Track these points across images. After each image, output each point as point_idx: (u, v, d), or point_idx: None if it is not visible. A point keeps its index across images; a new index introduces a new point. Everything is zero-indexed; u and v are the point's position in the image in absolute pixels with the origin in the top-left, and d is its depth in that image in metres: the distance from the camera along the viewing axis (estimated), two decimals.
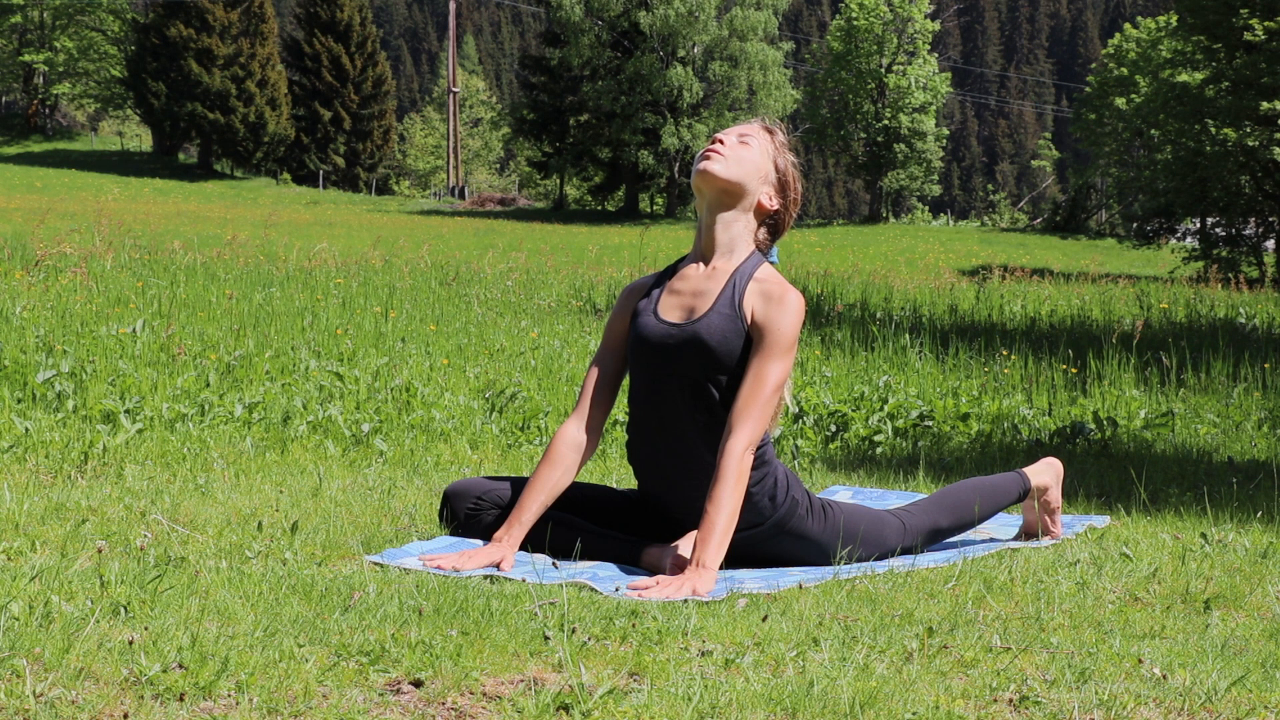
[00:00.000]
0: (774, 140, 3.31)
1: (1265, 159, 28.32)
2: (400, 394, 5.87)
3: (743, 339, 3.16)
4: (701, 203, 3.28)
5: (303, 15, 63.54)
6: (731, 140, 3.27)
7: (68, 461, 4.27)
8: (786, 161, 3.30)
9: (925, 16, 53.79)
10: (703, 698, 2.08)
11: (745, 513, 3.19)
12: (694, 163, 3.29)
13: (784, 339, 3.13)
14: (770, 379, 3.10)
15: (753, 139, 3.28)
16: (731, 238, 3.25)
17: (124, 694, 1.98)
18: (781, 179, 3.29)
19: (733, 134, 3.29)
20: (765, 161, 3.27)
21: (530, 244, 25.56)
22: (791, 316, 3.14)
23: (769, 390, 3.09)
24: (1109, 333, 9.63)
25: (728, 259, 3.25)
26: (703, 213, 3.29)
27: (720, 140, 3.26)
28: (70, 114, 70.41)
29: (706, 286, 3.24)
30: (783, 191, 3.29)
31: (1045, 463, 3.80)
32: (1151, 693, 2.21)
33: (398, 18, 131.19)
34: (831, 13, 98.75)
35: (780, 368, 3.11)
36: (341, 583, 2.74)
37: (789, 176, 3.30)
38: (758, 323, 3.15)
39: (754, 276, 3.21)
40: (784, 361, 3.12)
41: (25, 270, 9.51)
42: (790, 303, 3.15)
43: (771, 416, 3.13)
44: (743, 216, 3.26)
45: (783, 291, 3.16)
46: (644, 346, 3.26)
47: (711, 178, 3.22)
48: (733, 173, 3.22)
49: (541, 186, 63.63)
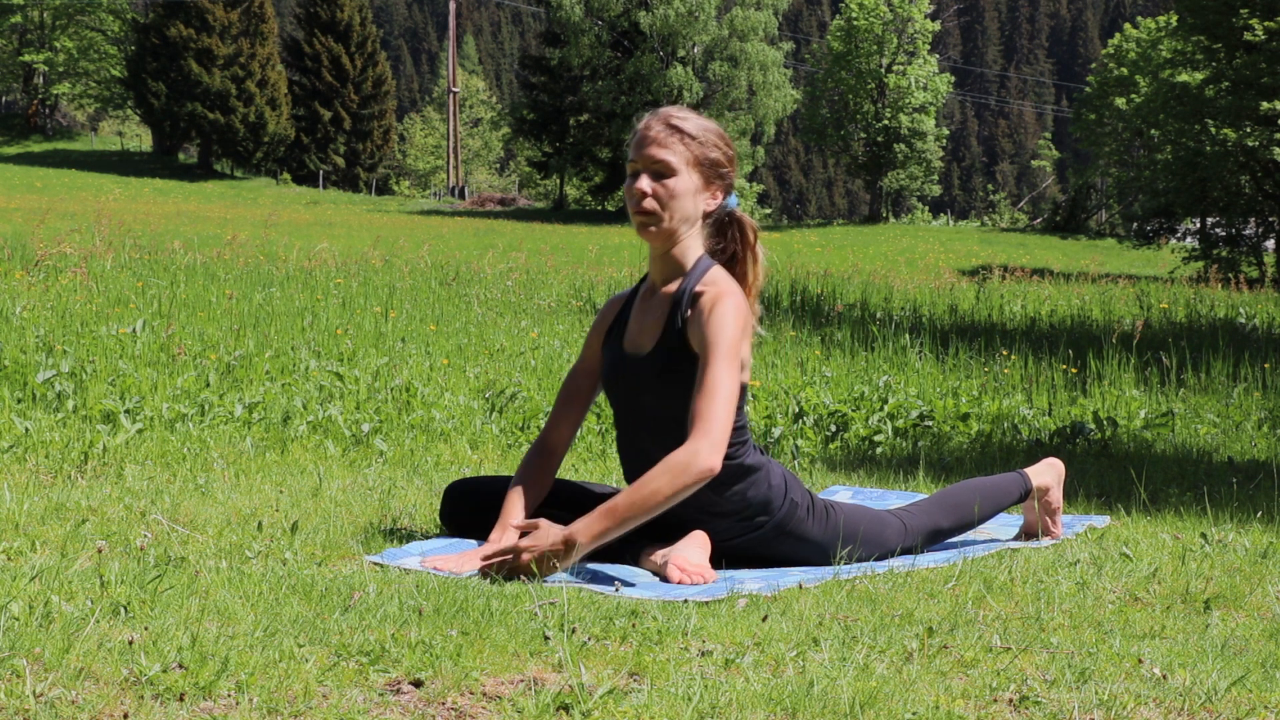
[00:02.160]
0: (686, 138, 3.16)
1: (1265, 159, 28.33)
2: (400, 394, 5.87)
3: (691, 361, 3.14)
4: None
5: (303, 15, 63.56)
6: (655, 190, 3.14)
7: (68, 461, 4.27)
8: (708, 144, 3.18)
9: (925, 16, 53.79)
10: (703, 698, 2.08)
11: (738, 515, 3.20)
12: (630, 212, 3.19)
13: (722, 344, 3.06)
14: (717, 387, 3.02)
15: (671, 162, 3.15)
16: (683, 258, 3.21)
17: (124, 694, 1.98)
18: (712, 167, 3.19)
19: (648, 183, 3.14)
20: (692, 177, 3.17)
21: (530, 244, 25.57)
22: (726, 321, 3.07)
23: (720, 399, 3.01)
24: (1109, 333, 9.63)
25: (678, 278, 3.22)
26: (651, 246, 3.24)
27: (643, 192, 3.14)
28: (70, 114, 70.41)
29: (657, 313, 3.22)
30: (718, 174, 3.20)
31: (1047, 463, 3.79)
32: (1151, 693, 2.21)
33: (398, 18, 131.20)
34: (831, 13, 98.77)
35: (726, 373, 3.04)
36: (341, 583, 2.74)
37: (715, 154, 3.19)
38: (697, 338, 3.12)
39: (693, 291, 3.16)
40: (728, 366, 3.05)
41: (25, 270, 9.52)
42: (724, 308, 3.09)
43: (729, 424, 3.03)
44: (689, 234, 3.22)
45: (715, 299, 3.11)
46: (609, 376, 3.31)
47: (653, 238, 3.18)
48: (671, 224, 3.16)
49: (541, 186, 63.62)
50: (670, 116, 3.19)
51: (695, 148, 3.16)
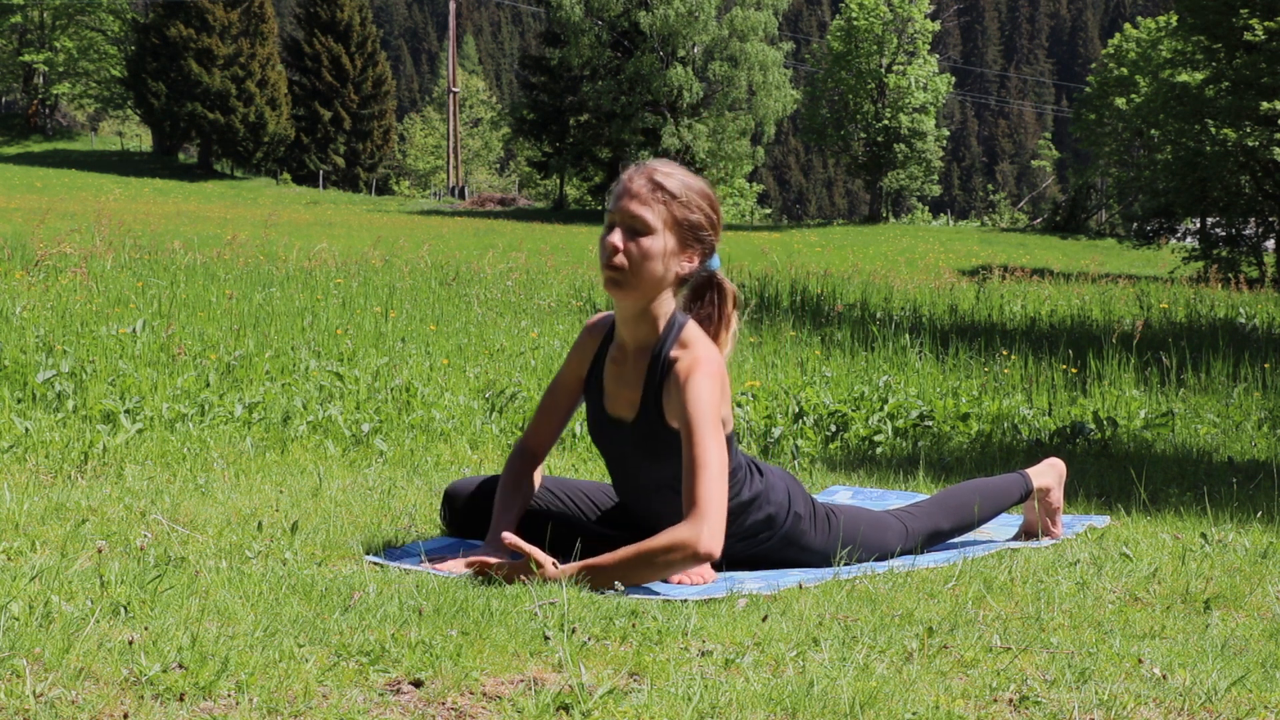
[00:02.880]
0: (668, 197, 3.00)
1: (1265, 159, 28.34)
2: (400, 394, 5.87)
3: (672, 431, 3.05)
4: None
5: (303, 15, 63.58)
6: (628, 247, 2.99)
7: (68, 461, 4.27)
8: (690, 205, 3.03)
9: (925, 16, 53.80)
10: (703, 698, 2.08)
11: (741, 536, 3.21)
12: (601, 264, 3.05)
13: (702, 418, 2.93)
14: (706, 463, 2.89)
15: (648, 220, 2.99)
16: (654, 319, 3.07)
17: (124, 694, 1.98)
18: (691, 230, 3.03)
19: (620, 238, 3.00)
20: (668, 238, 3.01)
21: (530, 244, 25.56)
22: (703, 392, 2.95)
23: (711, 475, 2.88)
24: (1109, 333, 9.63)
25: (649, 340, 3.09)
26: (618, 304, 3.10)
27: (615, 248, 2.99)
28: (70, 114, 70.43)
29: (631, 379, 3.11)
30: (697, 237, 3.04)
31: (1048, 463, 3.79)
32: (1151, 693, 2.21)
33: (398, 18, 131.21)
34: (831, 13, 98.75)
35: (712, 446, 2.91)
36: (341, 583, 2.74)
37: (697, 216, 3.03)
38: (675, 411, 3.00)
39: (669, 357, 3.04)
40: (713, 438, 2.92)
41: (25, 270, 9.52)
42: (698, 378, 2.96)
43: (725, 499, 2.91)
44: (662, 299, 3.06)
45: (690, 369, 2.98)
46: (594, 431, 3.23)
47: (619, 296, 3.04)
48: (639, 286, 3.01)
49: (541, 186, 63.62)
50: (654, 172, 3.03)
51: (676, 208, 3.01)
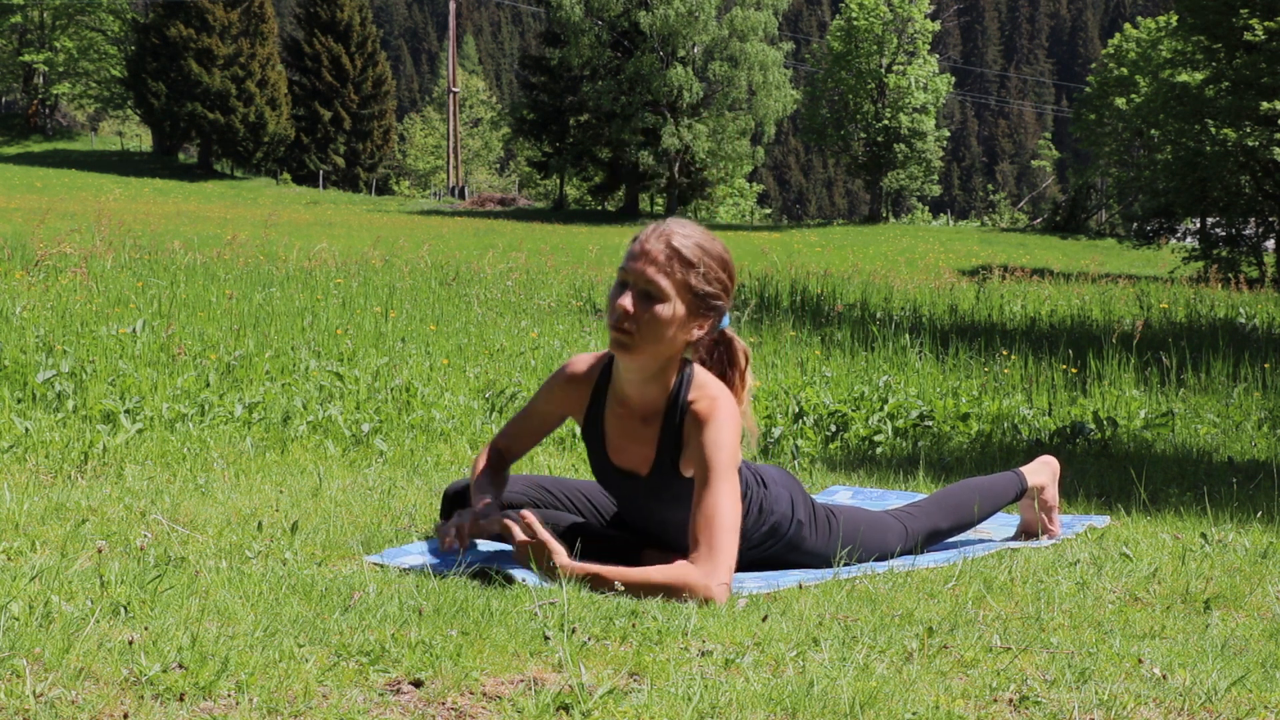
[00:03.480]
0: (685, 265, 2.94)
1: (1265, 159, 28.34)
2: (400, 394, 5.87)
3: (687, 481, 3.02)
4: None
5: (303, 15, 63.57)
6: (639, 312, 2.93)
7: (68, 461, 4.27)
8: (707, 274, 2.97)
9: (925, 16, 53.80)
10: (703, 698, 2.08)
11: (744, 545, 3.20)
12: (608, 324, 2.99)
13: (719, 464, 2.90)
14: (720, 511, 2.87)
15: (662, 287, 2.93)
16: (664, 380, 3.03)
17: (124, 694, 1.98)
18: (704, 299, 2.97)
19: (631, 301, 2.93)
20: (680, 307, 2.94)
21: (530, 244, 25.56)
22: (722, 437, 2.92)
23: (724, 524, 2.86)
24: (1109, 333, 9.63)
25: (659, 396, 3.04)
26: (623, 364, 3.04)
27: (626, 311, 2.93)
28: (70, 114, 70.43)
29: (644, 434, 3.06)
30: (710, 305, 2.98)
31: (1041, 461, 3.80)
32: (1151, 693, 2.21)
33: (398, 18, 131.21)
34: (831, 13, 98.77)
35: (727, 494, 2.89)
36: (341, 583, 2.74)
37: (712, 287, 2.97)
38: (694, 455, 2.95)
39: (686, 410, 2.99)
40: (729, 485, 2.89)
41: (25, 270, 9.52)
42: (717, 424, 2.93)
43: (735, 547, 2.87)
44: (669, 363, 3.01)
45: (708, 414, 2.94)
46: (603, 480, 3.19)
47: (626, 359, 2.99)
48: (648, 351, 2.96)
49: (541, 186, 63.64)
50: (672, 235, 2.95)
51: (693, 276, 2.94)
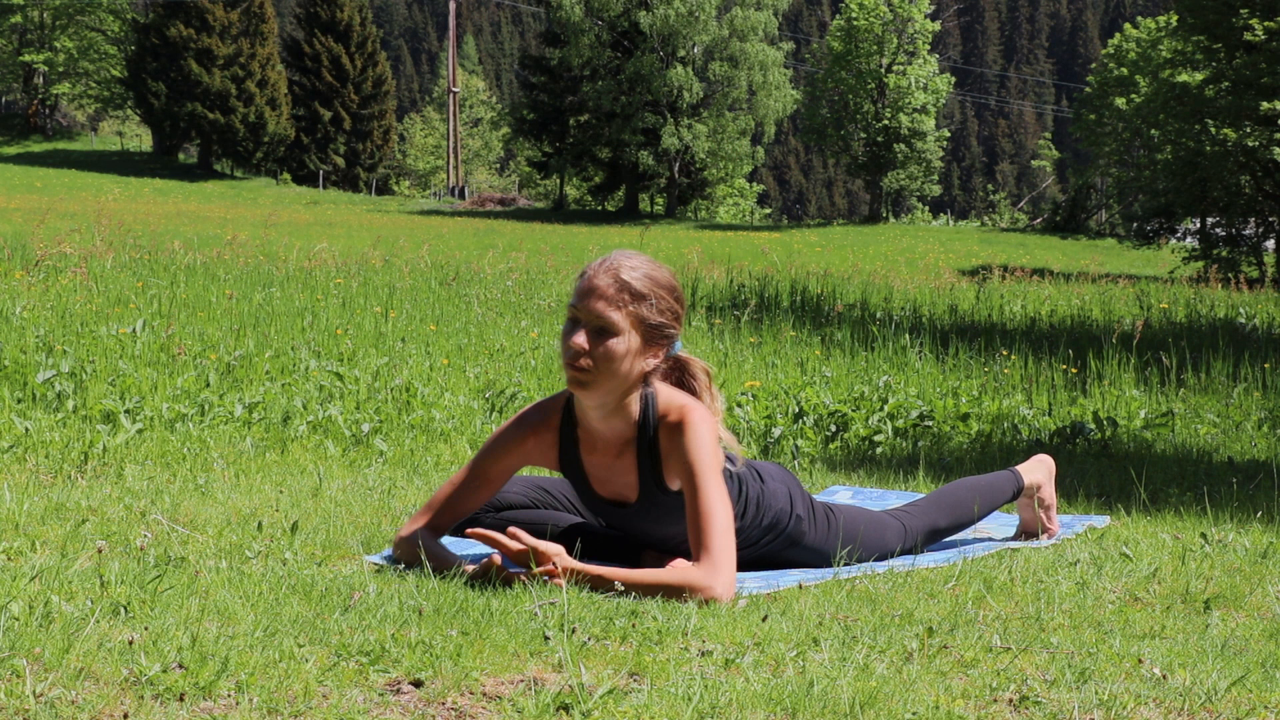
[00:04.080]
0: (635, 298, 2.93)
1: (1265, 159, 28.34)
2: (400, 394, 5.87)
3: (677, 495, 3.02)
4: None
5: (303, 15, 63.57)
6: (593, 348, 2.92)
7: (68, 461, 4.27)
8: (658, 304, 2.96)
9: (925, 16, 53.78)
10: (703, 698, 2.08)
11: (742, 541, 3.20)
12: (564, 363, 2.98)
13: (703, 467, 2.91)
14: (713, 513, 2.88)
15: (615, 321, 2.92)
16: (626, 410, 3.01)
17: (124, 694, 1.98)
18: (656, 329, 2.96)
19: (585, 339, 2.92)
20: (633, 338, 2.93)
21: (530, 244, 25.56)
22: (700, 440, 2.92)
23: (719, 525, 2.87)
24: (1109, 333, 9.63)
25: (628, 430, 3.03)
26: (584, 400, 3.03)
27: (581, 349, 2.92)
28: (70, 114, 70.41)
29: (622, 466, 3.06)
30: (663, 334, 2.98)
31: (1036, 459, 3.80)
32: (1151, 693, 2.21)
33: (398, 18, 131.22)
34: (831, 13, 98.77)
35: (717, 495, 2.90)
36: (341, 583, 2.74)
37: (662, 318, 2.96)
38: (677, 467, 2.97)
39: (658, 427, 2.99)
40: (716, 486, 2.91)
41: (25, 270, 9.52)
42: (692, 424, 2.94)
43: (734, 546, 2.88)
44: (629, 394, 3.00)
45: (681, 418, 2.95)
46: (594, 510, 3.17)
47: (588, 397, 2.98)
48: (606, 386, 2.95)
49: (541, 186, 63.64)
50: (620, 269, 2.94)
51: (644, 308, 2.94)
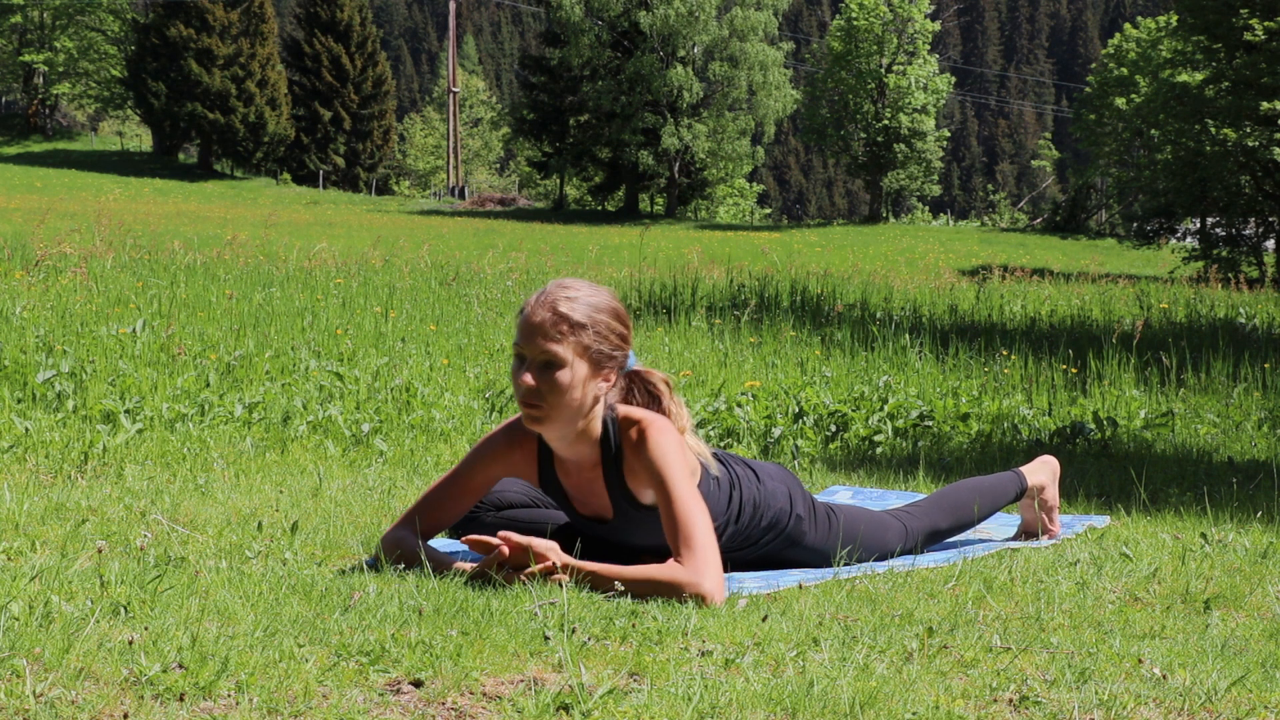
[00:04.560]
0: (576, 327, 2.90)
1: (1265, 159, 28.34)
2: (400, 394, 5.87)
3: (651, 508, 3.03)
4: None
5: (303, 15, 63.57)
6: (542, 384, 2.91)
7: (68, 461, 4.27)
8: (600, 330, 2.93)
9: (925, 16, 53.78)
10: (703, 698, 2.08)
11: (743, 539, 3.21)
12: (517, 400, 2.97)
13: (670, 471, 2.92)
14: (689, 515, 2.88)
15: (559, 354, 2.90)
16: (588, 435, 3.01)
17: (124, 694, 1.98)
18: (604, 354, 2.94)
19: (532, 377, 2.91)
20: (581, 367, 2.92)
21: (530, 244, 25.55)
22: (661, 446, 2.93)
23: (697, 525, 2.87)
24: (1109, 333, 9.63)
25: (594, 453, 3.04)
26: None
27: (530, 387, 2.91)
28: (70, 114, 70.43)
29: (595, 487, 3.07)
30: (610, 358, 2.96)
31: (1040, 461, 3.80)
32: (1151, 693, 2.21)
33: (398, 18, 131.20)
34: (831, 13, 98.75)
35: (689, 498, 2.90)
36: (341, 583, 2.74)
37: (607, 344, 2.94)
38: (645, 480, 2.98)
39: (620, 450, 3.00)
40: (688, 489, 2.91)
41: (25, 270, 9.52)
42: (651, 437, 2.94)
43: (715, 541, 2.88)
44: (587, 421, 3.00)
45: (640, 433, 2.96)
46: (577, 526, 3.17)
47: (543, 430, 2.99)
48: (560, 418, 2.95)
49: (541, 186, 63.64)
50: (558, 302, 2.91)
51: (586, 336, 2.91)
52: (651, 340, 8.86)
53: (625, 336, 3.01)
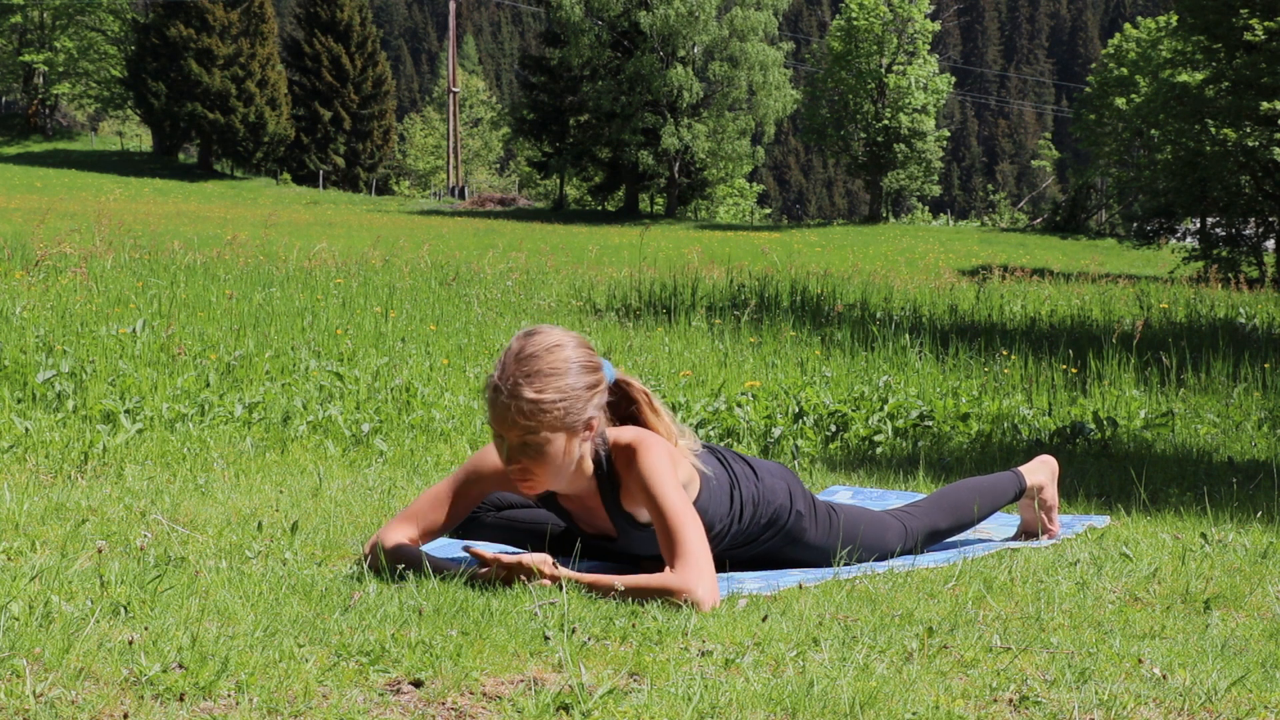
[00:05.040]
0: (541, 413, 2.86)
1: (1265, 159, 28.33)
2: (400, 394, 5.87)
3: (649, 524, 3.05)
4: None
5: (303, 15, 63.56)
6: (525, 463, 2.90)
7: (68, 461, 4.27)
8: (568, 403, 2.88)
9: (925, 16, 53.77)
10: (703, 698, 2.08)
11: (743, 536, 3.22)
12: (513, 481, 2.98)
13: (660, 486, 2.92)
14: (681, 521, 2.88)
15: (535, 440, 2.88)
16: (583, 472, 3.01)
17: (124, 694, 1.98)
18: (579, 418, 2.91)
19: (517, 449, 2.89)
20: (560, 439, 2.89)
21: (530, 244, 25.55)
22: (649, 463, 2.94)
23: (689, 529, 2.87)
24: (1109, 333, 9.62)
25: (591, 484, 3.04)
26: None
27: (522, 466, 2.91)
28: (70, 114, 70.42)
29: (594, 511, 3.10)
30: (592, 414, 2.94)
31: (1039, 461, 3.80)
32: (1151, 693, 2.21)
33: (398, 18, 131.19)
34: (831, 13, 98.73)
35: (680, 506, 2.90)
36: (341, 583, 2.74)
37: (579, 414, 2.90)
38: (639, 498, 2.98)
39: (616, 476, 3.02)
40: (679, 504, 2.90)
41: (25, 270, 9.51)
42: (640, 456, 2.95)
43: (708, 550, 2.88)
44: (580, 464, 2.99)
45: (629, 455, 2.97)
46: (582, 539, 3.19)
47: (548, 489, 3.01)
48: (554, 480, 2.96)
49: (541, 186, 63.63)
50: (520, 388, 2.85)
51: (557, 412, 2.87)
52: (651, 340, 8.87)
53: (597, 381, 2.95)
